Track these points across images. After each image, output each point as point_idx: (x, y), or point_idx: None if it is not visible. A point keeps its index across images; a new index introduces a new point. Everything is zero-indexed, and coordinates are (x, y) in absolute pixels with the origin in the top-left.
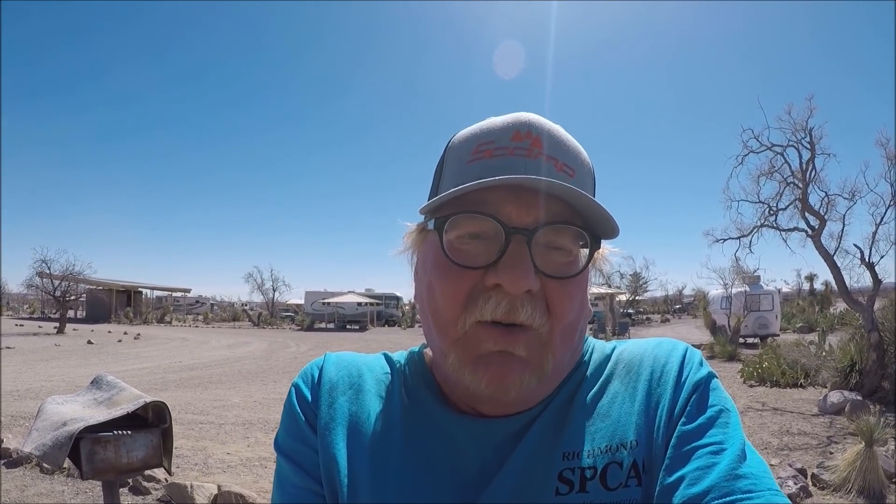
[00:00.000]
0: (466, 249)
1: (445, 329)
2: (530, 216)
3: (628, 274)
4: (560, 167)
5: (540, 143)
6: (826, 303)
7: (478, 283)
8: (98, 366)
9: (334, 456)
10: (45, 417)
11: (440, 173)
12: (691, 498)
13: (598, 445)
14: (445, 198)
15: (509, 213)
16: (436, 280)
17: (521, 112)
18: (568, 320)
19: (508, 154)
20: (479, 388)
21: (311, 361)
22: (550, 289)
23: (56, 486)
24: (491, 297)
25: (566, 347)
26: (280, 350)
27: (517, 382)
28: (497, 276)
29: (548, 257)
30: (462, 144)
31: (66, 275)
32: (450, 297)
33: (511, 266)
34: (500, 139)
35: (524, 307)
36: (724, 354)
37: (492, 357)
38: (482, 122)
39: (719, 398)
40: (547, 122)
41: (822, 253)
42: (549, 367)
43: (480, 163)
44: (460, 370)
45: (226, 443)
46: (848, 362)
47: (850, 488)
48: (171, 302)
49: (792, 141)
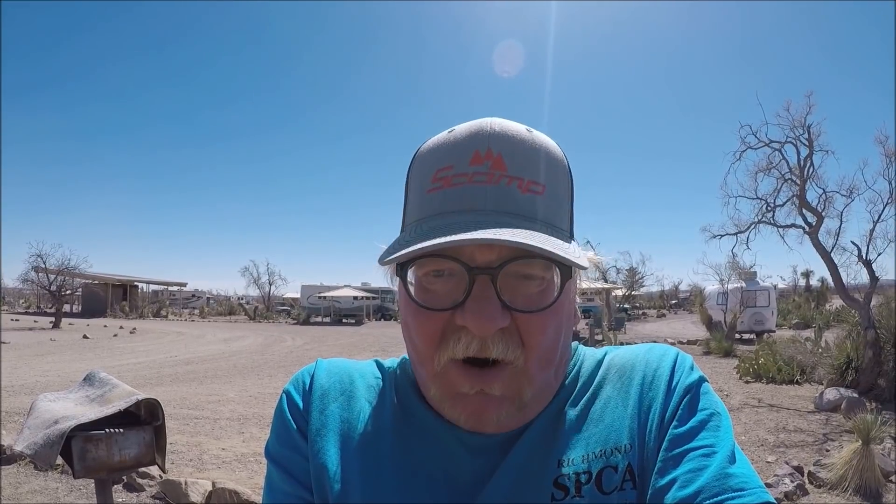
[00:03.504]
0: (434, 289)
1: (424, 363)
2: (493, 253)
3: (625, 269)
4: (525, 187)
5: (502, 164)
6: (822, 299)
7: (449, 322)
8: (94, 360)
9: (325, 463)
10: (37, 415)
11: (407, 193)
12: (683, 500)
13: (592, 450)
14: (401, 258)
15: (472, 253)
16: (409, 318)
17: (485, 119)
18: (543, 350)
19: (468, 182)
20: (458, 422)
21: (303, 368)
22: (522, 322)
23: (50, 483)
24: (461, 338)
25: (544, 373)
26: (276, 344)
27: (494, 418)
28: (464, 318)
29: (517, 289)
30: (424, 166)
31: (62, 269)
32: (423, 337)
33: (477, 310)
34: (458, 163)
35: (496, 344)
36: (720, 350)
37: (469, 397)
38: (445, 133)
39: (710, 402)
40: (511, 129)
41: (819, 250)
42: (527, 396)
43: (440, 193)
44: (441, 404)
45: (221, 438)
46: (844, 359)
47: (847, 486)
48: (167, 296)
49: (790, 137)
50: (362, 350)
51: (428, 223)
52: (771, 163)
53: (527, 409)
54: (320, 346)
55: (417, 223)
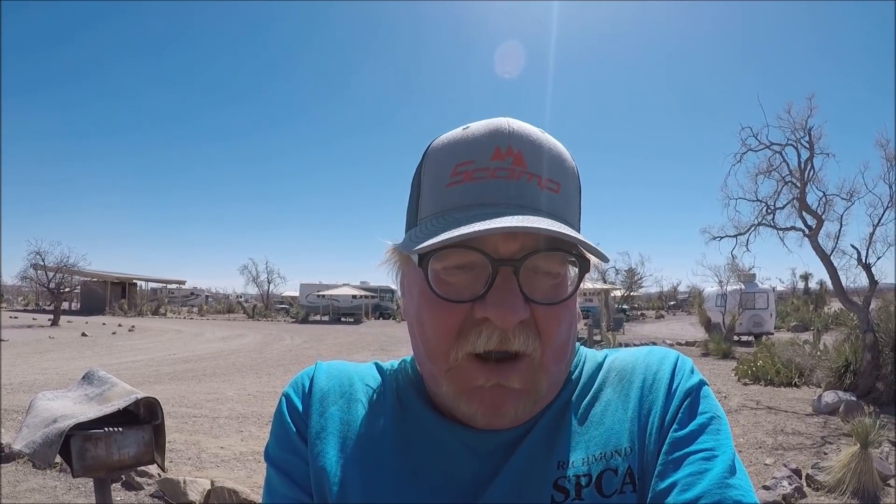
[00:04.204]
0: (454, 282)
1: (437, 359)
2: (516, 244)
3: (623, 270)
4: (544, 184)
5: (522, 161)
6: (821, 302)
7: (468, 316)
8: (92, 358)
9: (324, 466)
10: (36, 414)
11: (418, 188)
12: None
13: (592, 453)
14: (427, 248)
15: (495, 244)
16: (425, 312)
17: (501, 119)
18: (559, 341)
19: (489, 177)
20: (473, 418)
21: (302, 371)
22: (539, 314)
23: (49, 481)
24: (482, 331)
25: (559, 366)
26: (275, 342)
27: (512, 411)
28: (485, 310)
29: (536, 283)
30: (440, 161)
31: (61, 267)
32: (440, 331)
33: (500, 301)
34: (479, 158)
35: (517, 337)
36: (718, 352)
37: (485, 390)
38: (460, 130)
39: (710, 405)
40: (527, 129)
41: (818, 253)
42: (543, 388)
43: (461, 186)
44: (455, 400)
45: (219, 437)
46: (843, 362)
47: (845, 490)
48: (166, 294)
49: (791, 140)
50: (361, 349)
51: (451, 215)
52: (771, 165)
53: (538, 403)
54: (319, 344)
55: (437, 215)
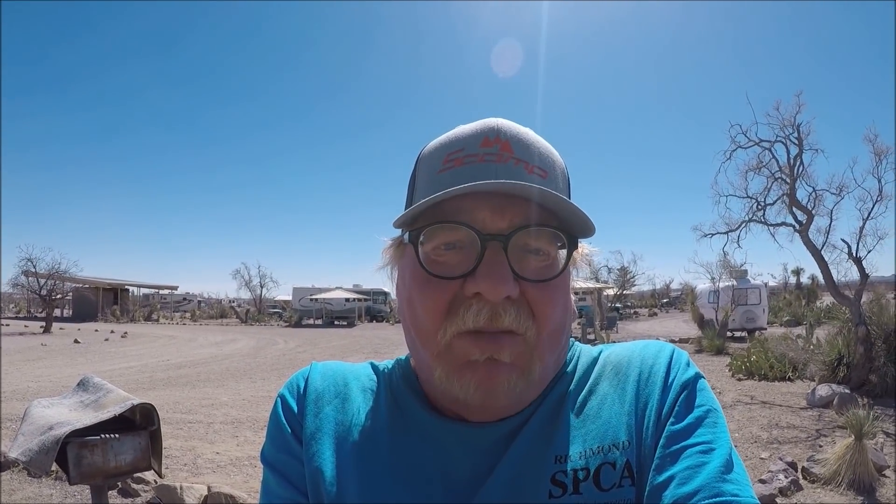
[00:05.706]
0: (443, 261)
1: (428, 341)
2: (504, 221)
3: (616, 268)
4: (531, 169)
5: (509, 147)
6: (813, 296)
7: (458, 293)
8: (85, 365)
9: (320, 466)
10: (32, 421)
11: (413, 185)
12: (681, 497)
13: (589, 446)
14: (417, 209)
15: (483, 220)
16: (415, 292)
17: (490, 118)
18: (554, 324)
19: (478, 161)
20: (468, 394)
21: (297, 372)
22: (532, 293)
23: (44, 489)
24: (472, 306)
25: (553, 350)
26: (268, 347)
27: (505, 385)
28: (476, 283)
29: (525, 261)
30: (432, 154)
31: (52, 273)
32: (430, 309)
33: (488, 273)
34: (469, 146)
35: (507, 312)
36: (711, 348)
37: (478, 364)
38: (451, 131)
39: (707, 398)
40: (515, 125)
41: (809, 248)
42: (536, 370)
43: (451, 171)
44: (448, 381)
45: (215, 442)
46: (835, 356)
47: (841, 481)
48: (159, 300)
49: (780, 136)
50: (356, 352)
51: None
52: (761, 162)
53: (531, 388)
54: (313, 348)
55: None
